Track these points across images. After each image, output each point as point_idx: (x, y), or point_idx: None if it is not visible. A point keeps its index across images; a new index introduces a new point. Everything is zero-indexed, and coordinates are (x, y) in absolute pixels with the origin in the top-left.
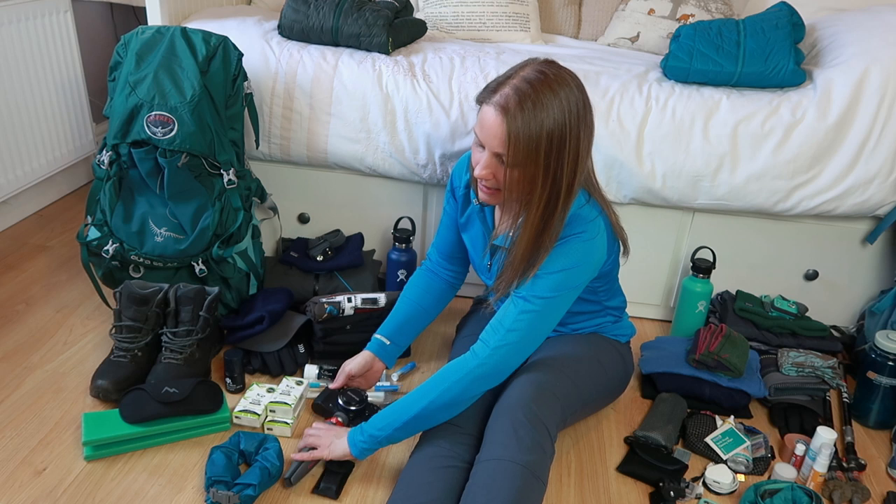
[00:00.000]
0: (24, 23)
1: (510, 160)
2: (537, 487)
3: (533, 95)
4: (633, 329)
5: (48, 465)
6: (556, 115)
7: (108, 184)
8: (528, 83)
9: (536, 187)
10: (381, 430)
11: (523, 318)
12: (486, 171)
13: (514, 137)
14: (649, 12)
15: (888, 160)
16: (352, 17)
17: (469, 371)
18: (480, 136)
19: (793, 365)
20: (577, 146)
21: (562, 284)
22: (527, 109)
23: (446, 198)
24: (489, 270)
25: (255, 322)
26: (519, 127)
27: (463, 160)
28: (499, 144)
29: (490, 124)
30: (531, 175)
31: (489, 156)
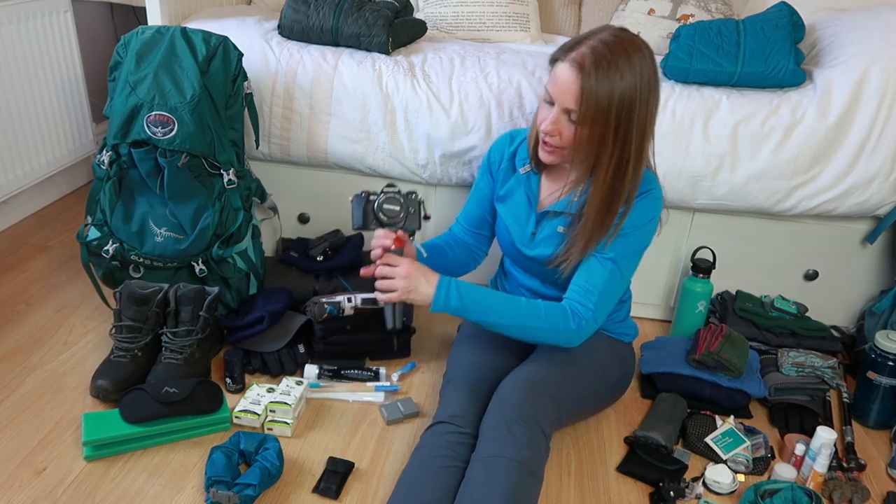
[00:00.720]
0: (24, 23)
1: (580, 117)
2: (534, 483)
3: (609, 56)
4: (637, 330)
5: (48, 465)
6: (628, 78)
7: (108, 184)
8: (604, 44)
9: (606, 148)
10: (469, 310)
11: (614, 278)
12: (553, 127)
13: (586, 94)
14: (649, 12)
15: (888, 160)
16: (352, 17)
17: (566, 329)
18: (552, 92)
19: (793, 365)
20: (647, 112)
21: (642, 240)
22: (602, 69)
23: (480, 174)
24: (532, 240)
25: (255, 322)
26: (593, 85)
27: (505, 136)
28: (571, 100)
29: (564, 80)
30: (600, 135)
31: (558, 111)
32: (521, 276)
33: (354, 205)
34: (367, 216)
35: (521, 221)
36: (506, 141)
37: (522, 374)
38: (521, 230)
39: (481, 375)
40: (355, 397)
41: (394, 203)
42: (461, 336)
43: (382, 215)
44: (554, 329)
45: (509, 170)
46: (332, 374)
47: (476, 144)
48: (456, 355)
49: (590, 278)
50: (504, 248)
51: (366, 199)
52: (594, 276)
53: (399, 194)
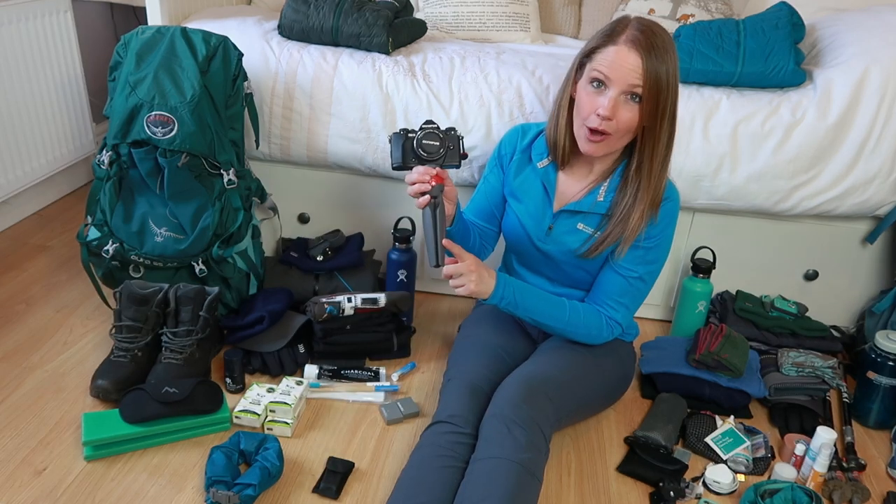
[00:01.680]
0: (24, 23)
1: (646, 94)
2: (533, 485)
3: (661, 36)
4: (637, 329)
5: (48, 465)
6: (674, 59)
7: (108, 184)
8: (650, 27)
9: (664, 125)
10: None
11: (641, 293)
12: (611, 111)
13: (650, 71)
14: (649, 12)
15: (888, 160)
16: (352, 17)
17: (599, 335)
18: (610, 74)
19: (793, 365)
20: (678, 95)
21: (664, 250)
22: (658, 47)
23: (489, 168)
24: (548, 234)
25: (255, 322)
26: (654, 62)
27: (516, 129)
28: (636, 77)
29: (625, 60)
30: (660, 112)
31: (616, 93)
32: (528, 275)
33: (393, 143)
34: (406, 153)
35: (536, 215)
36: (518, 134)
37: (522, 376)
38: (537, 224)
39: (481, 375)
40: (355, 397)
41: (433, 139)
42: (461, 336)
43: (422, 151)
44: (587, 334)
45: (523, 162)
46: (332, 374)
47: (476, 144)
48: (456, 355)
49: (618, 294)
50: (513, 243)
51: (404, 136)
52: (622, 291)
53: (438, 130)
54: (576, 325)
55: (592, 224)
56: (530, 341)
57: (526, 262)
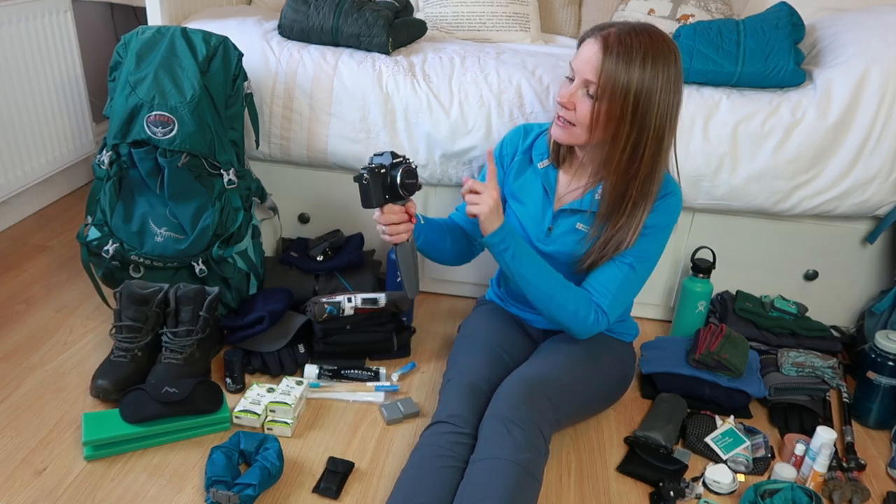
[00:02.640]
0: (24, 23)
1: (598, 91)
2: (532, 485)
3: (634, 38)
4: (637, 329)
5: (48, 465)
6: (650, 66)
7: (108, 184)
8: (632, 29)
9: (623, 127)
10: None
11: (630, 282)
12: (568, 99)
13: (606, 69)
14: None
15: (888, 160)
16: (352, 17)
17: (584, 319)
18: (574, 65)
19: (793, 365)
20: (668, 106)
21: (659, 243)
22: (624, 46)
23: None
24: (548, 235)
25: (255, 322)
26: (613, 61)
27: (518, 129)
28: (590, 71)
29: (587, 53)
30: (618, 113)
31: (577, 84)
32: None
33: (371, 183)
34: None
35: (536, 216)
36: (520, 134)
37: (521, 376)
38: (537, 225)
39: (481, 375)
40: (355, 397)
41: (412, 176)
42: (461, 336)
43: (404, 190)
44: (575, 314)
45: (524, 163)
46: (332, 374)
47: (476, 144)
48: (456, 355)
49: (606, 279)
50: None
51: (378, 173)
52: (611, 277)
53: (409, 162)
54: (563, 300)
55: (586, 222)
56: (530, 341)
57: None
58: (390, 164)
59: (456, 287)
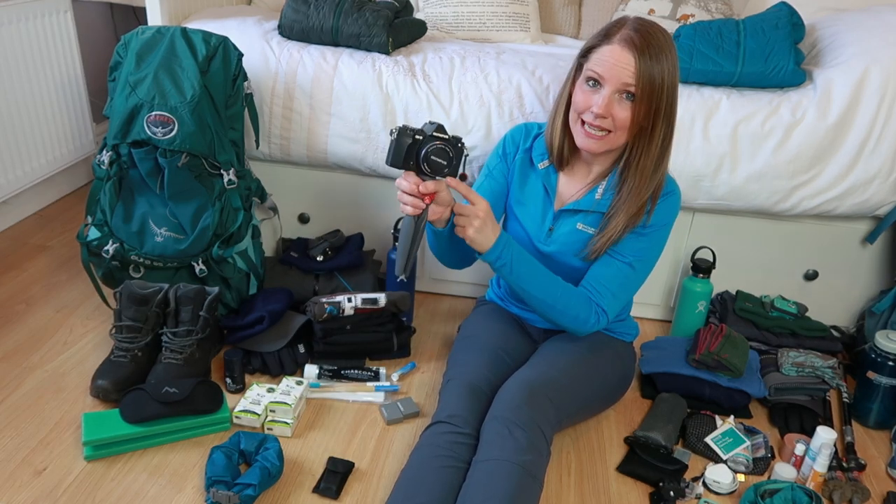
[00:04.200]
0: (24, 23)
1: (639, 93)
2: (534, 487)
3: (656, 36)
4: (637, 329)
5: (48, 465)
6: (672, 59)
7: (108, 184)
8: (645, 27)
9: (659, 125)
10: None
11: (629, 281)
12: (605, 109)
13: (643, 71)
14: (649, 12)
15: (888, 160)
16: (352, 17)
17: (585, 320)
18: (604, 73)
19: (793, 365)
20: (677, 92)
21: (659, 242)
22: (654, 47)
23: (494, 161)
24: (549, 235)
25: (255, 322)
26: (648, 62)
27: (520, 127)
28: (628, 75)
29: (619, 58)
30: (654, 112)
31: (609, 91)
32: None
33: (396, 141)
34: (406, 158)
35: (536, 217)
36: (521, 132)
37: (523, 378)
38: (537, 226)
39: (481, 375)
40: (355, 397)
41: (442, 155)
42: (461, 336)
43: (427, 166)
44: (575, 318)
45: (525, 162)
46: (332, 374)
47: (476, 144)
48: (456, 355)
49: (606, 278)
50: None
51: (411, 137)
52: (611, 276)
53: (448, 144)
54: (565, 306)
55: (592, 223)
56: (531, 342)
57: None
58: (428, 136)
59: (456, 287)
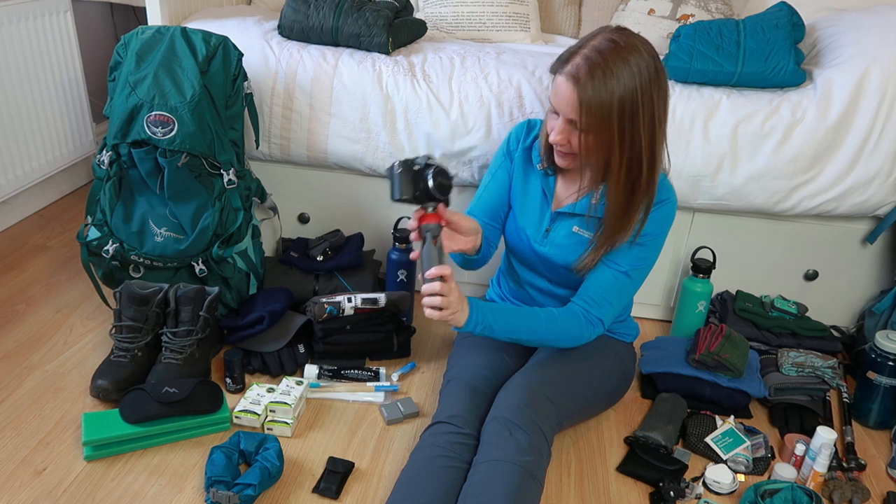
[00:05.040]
0: (24, 23)
1: (583, 125)
2: (535, 488)
3: (602, 64)
4: (637, 330)
5: (48, 465)
6: (626, 81)
7: (108, 184)
8: (598, 52)
9: (614, 152)
10: (495, 329)
11: (626, 290)
12: (560, 137)
13: (585, 104)
14: (649, 12)
15: (888, 160)
16: (352, 17)
17: (580, 337)
18: (554, 104)
19: (793, 365)
20: (652, 110)
21: (654, 251)
22: (597, 77)
23: (499, 161)
24: (545, 237)
25: (255, 322)
26: (590, 95)
27: (522, 125)
28: (571, 111)
29: (562, 93)
30: (606, 140)
31: (563, 122)
32: (529, 275)
33: (401, 174)
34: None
35: (534, 217)
36: (523, 130)
37: (524, 379)
38: (535, 226)
39: (481, 376)
40: (355, 397)
41: (446, 176)
42: (461, 336)
43: (437, 190)
44: (569, 337)
45: (526, 160)
46: (332, 374)
47: (476, 144)
48: (456, 355)
49: (602, 289)
50: (513, 245)
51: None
52: (607, 286)
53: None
54: (556, 333)
55: (588, 227)
56: None
57: (525, 262)
58: (425, 164)
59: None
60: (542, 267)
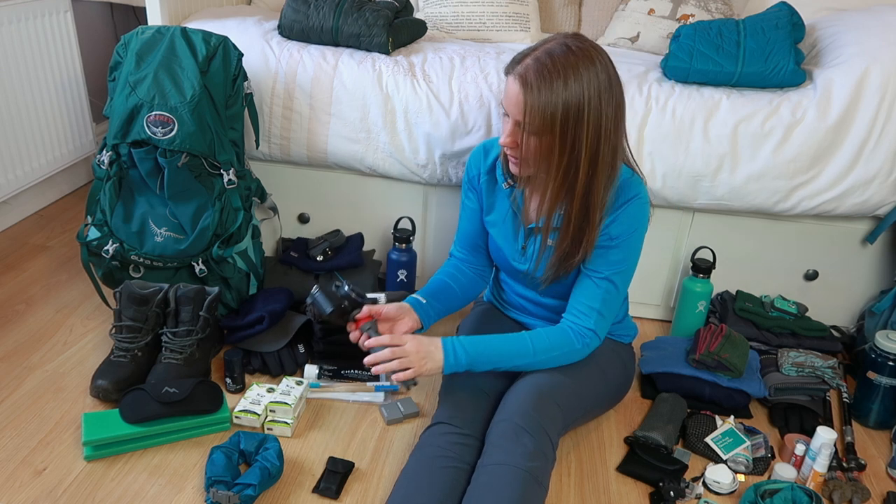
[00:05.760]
0: (24, 23)
1: (527, 127)
2: (539, 493)
3: (551, 67)
4: (636, 330)
5: (48, 465)
6: (573, 87)
7: (108, 184)
8: (549, 55)
9: (553, 156)
10: (477, 363)
11: (610, 295)
12: (509, 139)
13: (530, 106)
14: (649, 12)
15: (888, 160)
16: (352, 17)
17: (573, 351)
18: (504, 105)
19: (793, 365)
20: (599, 119)
21: (632, 250)
22: (544, 80)
23: (464, 191)
24: (523, 254)
25: (255, 322)
26: (535, 96)
27: (478, 149)
28: (517, 112)
29: (510, 93)
30: (548, 144)
31: (512, 124)
32: (518, 287)
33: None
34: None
35: (509, 236)
36: (480, 155)
37: (530, 383)
38: (511, 245)
39: (482, 376)
40: (355, 397)
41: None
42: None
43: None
44: (561, 354)
45: (491, 182)
46: (332, 374)
47: (476, 144)
48: None
49: (587, 299)
50: (497, 262)
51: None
52: (591, 296)
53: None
54: (546, 353)
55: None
56: None
57: (512, 276)
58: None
59: None
60: (526, 280)
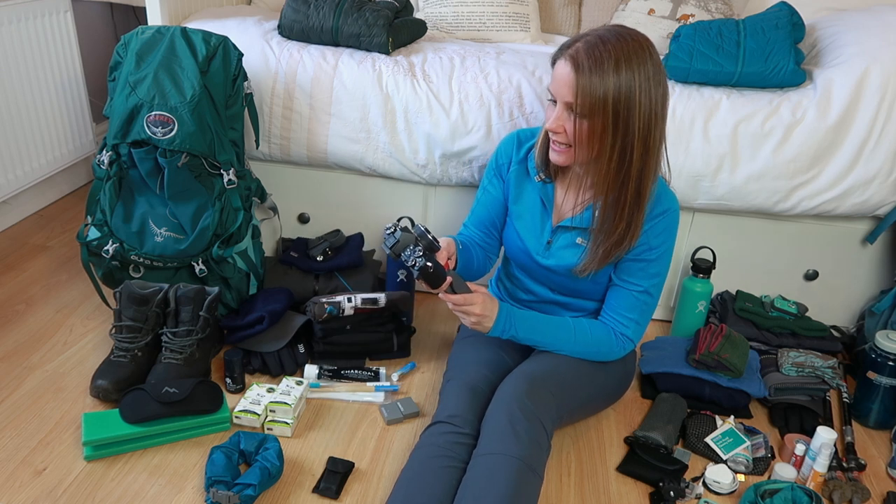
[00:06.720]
0: (24, 23)
1: (579, 109)
2: (534, 481)
3: (602, 49)
4: None
5: (48, 465)
6: (624, 69)
7: (108, 184)
8: (599, 38)
9: (607, 139)
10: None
11: (649, 306)
12: (557, 124)
13: (581, 86)
14: (649, 12)
15: (888, 160)
16: (352, 17)
17: (610, 351)
18: (553, 89)
19: (793, 365)
20: (650, 103)
21: (666, 262)
22: (596, 61)
23: (488, 177)
24: (547, 249)
25: (255, 322)
26: (587, 77)
27: (511, 137)
28: (568, 94)
29: (560, 74)
30: (601, 126)
31: (560, 107)
32: (529, 282)
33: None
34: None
35: (535, 230)
36: (513, 143)
37: (524, 372)
38: (536, 239)
39: (481, 375)
40: (355, 397)
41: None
42: (461, 336)
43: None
44: (598, 350)
45: (521, 173)
46: (332, 374)
47: (476, 144)
48: (456, 355)
49: (626, 309)
50: (513, 254)
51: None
52: (630, 306)
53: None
54: (585, 343)
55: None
56: None
57: (525, 270)
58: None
59: None
60: (543, 276)
